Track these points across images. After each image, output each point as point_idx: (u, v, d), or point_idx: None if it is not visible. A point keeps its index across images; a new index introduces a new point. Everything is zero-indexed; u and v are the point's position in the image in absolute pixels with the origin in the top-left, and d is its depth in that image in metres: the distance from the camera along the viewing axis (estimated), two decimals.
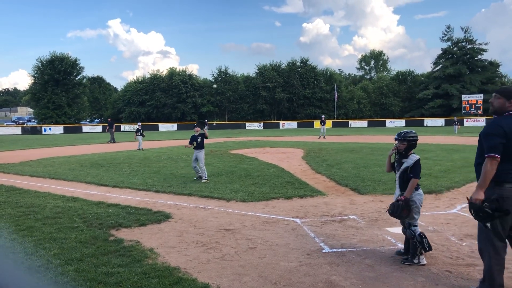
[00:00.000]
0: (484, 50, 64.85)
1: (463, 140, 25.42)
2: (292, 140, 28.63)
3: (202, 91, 67.51)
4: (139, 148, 22.00)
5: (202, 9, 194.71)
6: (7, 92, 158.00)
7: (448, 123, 51.65)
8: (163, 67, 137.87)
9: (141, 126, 23.63)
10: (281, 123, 61.15)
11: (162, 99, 66.00)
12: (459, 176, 10.96)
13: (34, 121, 72.02)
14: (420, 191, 5.00)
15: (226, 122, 63.69)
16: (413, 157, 4.95)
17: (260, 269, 4.74)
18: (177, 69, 69.62)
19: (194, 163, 11.36)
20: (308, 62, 69.23)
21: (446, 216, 7.11)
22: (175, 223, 6.90)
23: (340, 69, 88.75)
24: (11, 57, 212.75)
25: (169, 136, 37.67)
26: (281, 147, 22.21)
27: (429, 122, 57.17)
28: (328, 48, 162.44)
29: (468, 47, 65.00)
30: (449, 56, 66.07)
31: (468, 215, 7.06)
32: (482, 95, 58.23)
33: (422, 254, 4.84)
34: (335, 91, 62.90)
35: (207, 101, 67.02)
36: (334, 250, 5.40)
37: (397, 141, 5.02)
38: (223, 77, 67.80)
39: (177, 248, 5.56)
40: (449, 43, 66.50)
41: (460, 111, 58.23)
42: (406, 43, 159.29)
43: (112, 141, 29.55)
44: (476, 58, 65.08)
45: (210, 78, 69.81)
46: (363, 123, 59.92)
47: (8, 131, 52.94)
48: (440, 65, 66.89)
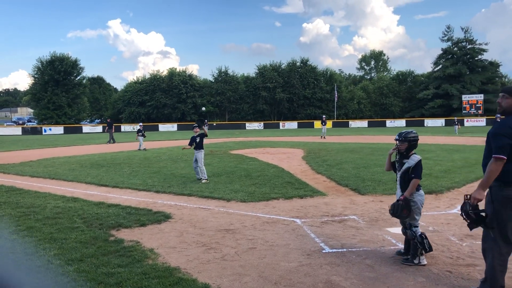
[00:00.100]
0: (484, 50, 64.98)
1: (464, 140, 25.43)
2: (292, 141, 28.63)
3: (202, 92, 67.54)
4: (140, 149, 21.94)
5: (202, 10, 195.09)
6: (7, 93, 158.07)
7: (449, 123, 51.65)
8: (163, 68, 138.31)
9: (142, 127, 23.63)
10: (281, 123, 61.17)
11: (162, 100, 66.02)
12: (460, 176, 10.95)
13: (34, 122, 72.06)
14: (421, 192, 4.99)
15: (226, 123, 63.71)
16: (415, 158, 4.94)
17: (260, 269, 4.74)
18: (177, 70, 69.75)
19: (195, 164, 11.36)
20: (308, 62, 69.35)
21: (447, 216, 7.10)
22: (175, 224, 6.90)
23: (340, 69, 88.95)
24: (11, 58, 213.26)
25: (169, 137, 37.67)
26: (281, 147, 22.21)
27: (429, 122, 57.16)
28: (328, 48, 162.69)
29: (468, 47, 65.03)
30: (449, 56, 66.09)
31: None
32: (482, 95, 58.31)
33: (423, 255, 4.83)
34: (335, 91, 62.93)
35: (207, 101, 67.04)
36: (335, 250, 5.39)
37: (398, 142, 5.00)
38: (223, 77, 67.85)
39: (177, 249, 5.56)
40: (449, 43, 66.57)
41: (461, 111, 58.23)
42: (406, 43, 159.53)
43: (112, 142, 29.53)
44: (476, 58, 65.10)
45: (210, 79, 69.98)
46: (363, 123, 59.93)
47: (8, 132, 52.98)
48: (440, 65, 66.91)
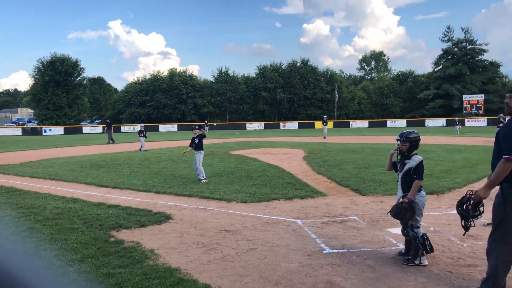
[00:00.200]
0: (485, 51, 64.94)
1: (465, 141, 25.41)
2: (293, 141, 28.62)
3: (203, 92, 67.57)
4: (141, 149, 21.94)
5: (203, 10, 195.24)
6: (8, 93, 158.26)
7: (449, 124, 51.62)
8: (164, 68, 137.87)
9: (144, 127, 23.63)
10: (282, 124, 61.16)
11: (163, 100, 66.04)
12: (461, 177, 10.94)
13: (35, 122, 72.15)
14: (423, 193, 4.97)
15: (227, 123, 63.72)
16: (416, 158, 4.92)
17: (261, 270, 4.73)
18: (178, 70, 69.79)
19: (195, 165, 11.41)
20: (309, 63, 69.36)
21: (448, 217, 7.08)
22: (176, 224, 6.89)
23: (341, 70, 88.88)
24: (12, 58, 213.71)
25: (170, 137, 37.66)
26: (282, 148, 22.20)
27: (430, 123, 57.11)
28: (329, 49, 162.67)
29: (469, 48, 65.01)
30: (450, 57, 66.05)
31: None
32: (483, 95, 58.29)
33: (424, 255, 4.82)
34: (336, 92, 62.94)
35: (208, 102, 67.07)
36: (335, 251, 5.38)
37: (399, 142, 4.98)
38: (224, 78, 67.86)
39: (178, 249, 5.55)
40: (450, 44, 66.53)
41: (461, 111, 58.18)
42: (407, 44, 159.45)
43: (112, 142, 29.48)
44: (477, 59, 65.06)
45: (211, 79, 70.01)
46: (364, 124, 59.89)
47: (9, 132, 53.01)
48: (441, 66, 66.87)
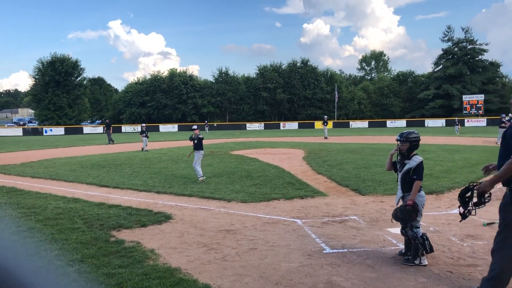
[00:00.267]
0: (485, 51, 64.94)
1: (464, 141, 25.41)
2: (293, 141, 28.64)
3: (203, 92, 67.58)
4: (143, 149, 21.98)
5: (203, 10, 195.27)
6: (8, 94, 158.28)
7: (449, 124, 51.62)
8: (164, 68, 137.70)
9: (145, 127, 23.65)
10: (282, 124, 61.18)
11: (163, 100, 66.08)
12: (460, 177, 10.94)
13: (35, 122, 72.24)
14: (422, 193, 4.98)
15: (227, 123, 63.74)
16: (416, 159, 4.92)
17: (261, 270, 4.74)
18: (178, 70, 69.86)
19: (194, 164, 11.52)
20: (309, 63, 69.44)
21: (447, 217, 7.09)
22: (176, 224, 6.90)
23: (341, 70, 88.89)
24: (12, 59, 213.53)
25: (170, 137, 37.67)
26: (282, 148, 22.21)
27: (430, 123, 57.11)
28: (329, 49, 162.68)
29: (469, 48, 65.00)
30: (450, 57, 66.06)
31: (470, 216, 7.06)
32: (483, 96, 58.30)
33: (424, 255, 4.83)
34: (336, 92, 62.97)
35: (208, 102, 67.11)
36: (335, 251, 5.39)
37: (399, 142, 4.99)
38: (224, 78, 67.89)
39: (178, 249, 5.56)
40: (450, 44, 66.54)
41: (461, 112, 58.19)
42: (407, 44, 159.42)
43: (111, 142, 29.46)
44: (477, 59, 65.05)
45: (211, 79, 70.04)
46: (364, 124, 59.90)
47: (9, 133, 53.04)
48: (441, 66, 66.88)
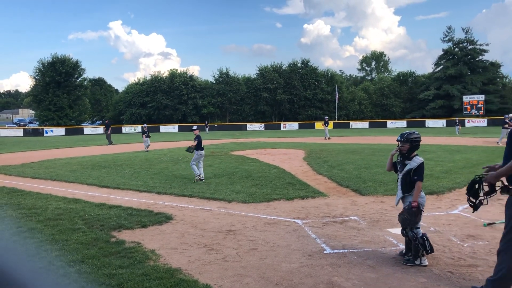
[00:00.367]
0: (485, 51, 64.86)
1: (465, 141, 25.40)
2: (293, 141, 28.64)
3: (203, 93, 67.62)
4: (146, 149, 22.04)
5: (203, 11, 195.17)
6: (9, 94, 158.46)
7: (450, 124, 51.59)
8: (164, 69, 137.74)
9: (147, 128, 23.66)
10: (282, 124, 61.18)
11: (163, 101, 66.12)
12: (461, 177, 10.94)
13: (36, 123, 72.29)
14: (422, 194, 4.98)
15: (227, 124, 63.76)
16: (417, 160, 4.92)
17: (262, 270, 4.74)
18: (178, 71, 69.88)
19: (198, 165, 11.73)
20: (309, 63, 69.47)
21: (448, 217, 7.09)
22: (177, 225, 6.90)
23: (341, 70, 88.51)
24: (12, 59, 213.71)
25: (171, 138, 37.69)
26: (282, 148, 22.21)
27: (431, 123, 57.06)
28: (329, 49, 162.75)
29: (469, 48, 64.94)
30: (450, 57, 65.99)
31: (470, 216, 7.06)
32: (483, 96, 58.27)
33: (424, 256, 4.83)
34: (336, 92, 62.99)
35: (208, 103, 67.14)
36: (336, 251, 5.39)
37: (400, 142, 4.99)
38: (224, 79, 67.92)
39: (179, 250, 5.56)
40: (450, 44, 66.47)
41: (462, 112, 58.16)
42: (407, 44, 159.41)
43: (111, 143, 29.48)
44: (477, 59, 64.99)
45: (211, 80, 70.07)
46: (364, 124, 59.87)
47: (10, 133, 53.11)
48: (441, 66, 66.84)
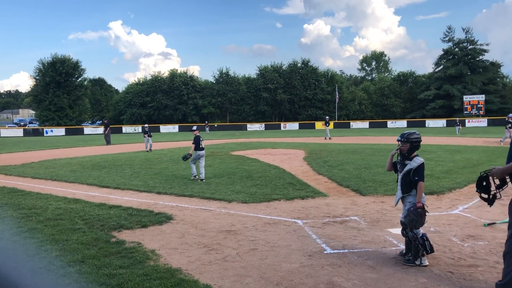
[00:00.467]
0: (486, 51, 64.88)
1: (465, 141, 25.39)
2: (294, 141, 28.64)
3: (204, 93, 67.63)
4: (150, 149, 22.04)
5: (203, 11, 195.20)
6: (9, 94, 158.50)
7: (450, 124, 51.58)
8: (165, 69, 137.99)
9: (149, 128, 23.64)
10: (283, 124, 61.20)
11: (164, 101, 66.16)
12: (461, 177, 10.93)
13: (36, 123, 72.34)
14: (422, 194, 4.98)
15: (227, 124, 63.76)
16: (418, 160, 4.91)
17: (262, 271, 4.74)
18: (178, 71, 69.93)
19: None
20: (309, 63, 69.55)
21: (448, 217, 7.09)
22: (177, 225, 6.90)
23: (341, 70, 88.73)
24: (13, 59, 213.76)
25: (171, 138, 37.70)
26: (283, 148, 22.20)
27: (431, 123, 57.07)
28: (329, 49, 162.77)
29: (470, 48, 64.95)
30: (451, 57, 66.00)
31: (470, 216, 7.06)
32: (484, 96, 58.26)
33: (424, 256, 4.82)
34: (336, 92, 63.03)
35: (208, 103, 67.16)
36: (336, 251, 5.39)
37: (400, 142, 4.99)
38: (224, 79, 67.94)
39: (179, 250, 5.56)
40: (450, 44, 66.48)
41: (462, 112, 58.16)
42: (407, 44, 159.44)
43: (107, 144, 29.47)
44: (478, 59, 65.00)
45: (212, 80, 70.10)
46: (365, 124, 59.88)
47: (10, 133, 53.14)
48: (442, 66, 66.85)
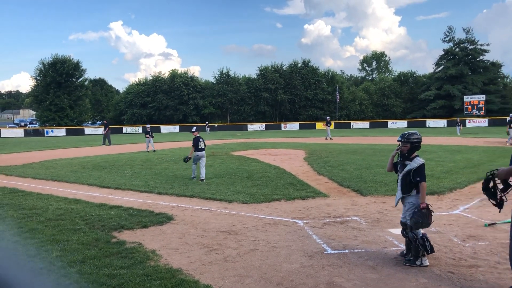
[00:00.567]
0: (486, 51, 64.81)
1: (466, 141, 25.37)
2: (294, 142, 28.64)
3: (204, 93, 67.65)
4: (153, 150, 22.04)
5: (204, 11, 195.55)
6: (10, 95, 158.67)
7: (450, 124, 51.53)
8: (165, 69, 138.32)
9: (150, 128, 23.63)
10: (283, 125, 61.19)
11: (164, 101, 66.18)
12: (462, 177, 10.93)
13: (36, 124, 72.36)
14: None
15: (228, 124, 63.77)
16: (418, 161, 4.90)
17: (262, 271, 4.74)
18: (179, 71, 69.94)
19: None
20: (310, 64, 69.51)
21: (449, 217, 7.08)
22: (177, 225, 6.90)
23: (342, 70, 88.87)
24: (13, 60, 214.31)
25: (171, 138, 37.71)
26: (283, 149, 22.20)
27: (431, 123, 57.02)
28: (330, 50, 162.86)
29: (470, 48, 64.88)
30: (451, 57, 65.93)
31: (471, 216, 7.06)
32: (484, 96, 58.19)
33: (425, 256, 4.82)
34: (337, 92, 63.02)
35: (209, 103, 67.17)
36: (336, 252, 5.39)
37: (400, 143, 4.99)
38: (225, 79, 67.96)
39: (179, 250, 5.56)
40: (451, 44, 66.40)
41: (462, 112, 58.09)
42: (408, 44, 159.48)
43: (103, 143, 29.48)
44: (478, 59, 64.93)
45: (212, 80, 70.12)
46: (365, 124, 59.85)
47: (11, 134, 53.13)
48: (442, 66, 66.78)
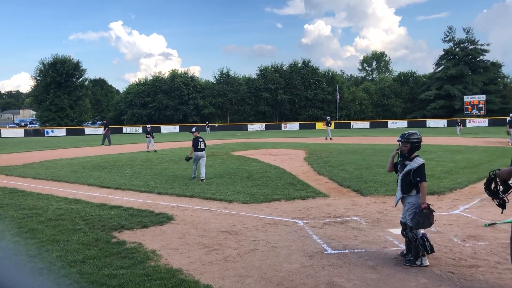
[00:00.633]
0: (486, 51, 64.79)
1: (466, 141, 25.36)
2: (294, 142, 28.63)
3: (204, 93, 67.66)
4: (154, 150, 22.02)
5: (204, 11, 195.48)
6: (10, 95, 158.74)
7: (451, 124, 51.51)
8: (165, 69, 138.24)
9: (151, 128, 23.61)
10: (283, 125, 61.19)
11: (164, 101, 66.19)
12: (462, 177, 10.93)
13: (37, 124, 72.39)
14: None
15: (228, 124, 63.77)
16: (418, 161, 4.90)
17: (263, 271, 4.74)
18: (179, 71, 69.95)
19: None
20: (310, 64, 69.55)
21: (449, 217, 7.08)
22: (177, 225, 6.91)
23: (342, 71, 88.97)
24: (14, 60, 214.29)
25: (171, 138, 37.71)
26: (283, 149, 22.19)
27: (431, 123, 56.99)
28: (330, 50, 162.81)
29: (470, 48, 64.86)
30: (451, 57, 65.90)
31: (471, 216, 7.06)
32: (485, 96, 58.17)
33: (425, 256, 4.82)
34: (337, 92, 63.03)
35: (209, 103, 67.19)
36: (337, 252, 5.39)
37: (400, 143, 4.99)
38: (225, 79, 67.97)
39: (180, 250, 5.56)
40: (451, 44, 66.37)
41: (463, 112, 58.08)
42: (408, 44, 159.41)
43: (102, 143, 29.48)
44: (478, 59, 64.91)
45: (212, 80, 70.13)
46: (365, 124, 59.83)
47: (11, 134, 53.15)
48: (442, 66, 66.76)
